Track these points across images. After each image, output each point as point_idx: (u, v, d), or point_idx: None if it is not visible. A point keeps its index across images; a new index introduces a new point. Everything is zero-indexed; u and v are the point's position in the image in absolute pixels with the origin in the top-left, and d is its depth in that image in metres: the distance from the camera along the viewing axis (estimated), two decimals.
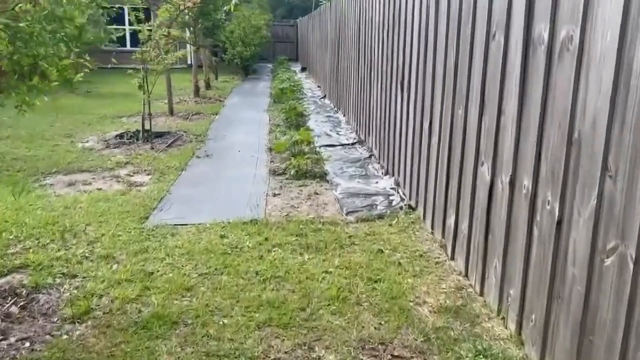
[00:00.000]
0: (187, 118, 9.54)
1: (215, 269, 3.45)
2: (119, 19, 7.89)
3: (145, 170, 5.93)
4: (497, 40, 2.83)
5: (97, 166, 6.10)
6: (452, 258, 3.53)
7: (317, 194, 5.07)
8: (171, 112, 9.84)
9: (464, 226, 3.33)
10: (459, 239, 3.43)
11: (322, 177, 5.60)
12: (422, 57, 4.28)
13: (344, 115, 9.40)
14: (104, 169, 6.00)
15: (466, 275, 3.29)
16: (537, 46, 2.43)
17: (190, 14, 11.47)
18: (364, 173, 5.84)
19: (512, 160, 2.64)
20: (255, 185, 5.34)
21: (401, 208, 4.55)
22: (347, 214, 4.47)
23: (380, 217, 4.40)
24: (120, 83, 12.78)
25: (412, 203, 4.54)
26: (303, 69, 20.71)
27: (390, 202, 4.75)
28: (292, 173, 5.59)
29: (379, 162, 6.07)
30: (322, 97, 12.62)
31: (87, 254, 3.70)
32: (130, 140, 7.38)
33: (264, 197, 4.94)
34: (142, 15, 7.25)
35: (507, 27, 2.72)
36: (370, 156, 6.51)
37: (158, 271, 3.44)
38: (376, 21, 6.19)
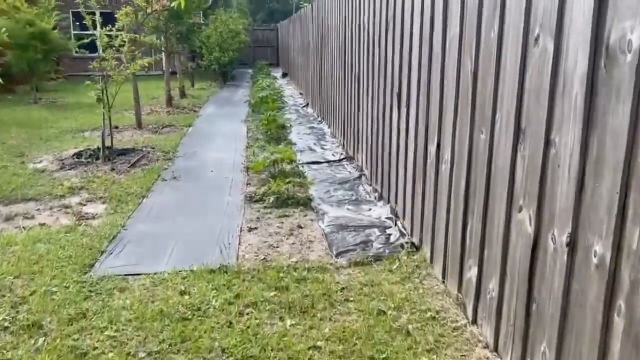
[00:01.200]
0: (157, 131, 8.69)
1: (170, 345, 2.65)
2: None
3: (100, 198, 5.09)
4: (541, 45, 2.09)
5: (45, 193, 5.25)
6: (474, 322, 2.77)
7: (300, 227, 4.28)
8: (139, 124, 8.98)
9: (491, 285, 2.57)
10: (483, 299, 2.68)
11: (306, 204, 4.81)
12: (425, 66, 3.53)
13: (328, 127, 8.63)
14: (52, 196, 5.15)
15: (496, 350, 2.53)
16: (614, 55, 1.68)
17: (160, 17, 10.63)
18: (354, 197, 5.07)
19: (573, 212, 1.89)
20: (227, 216, 4.53)
21: (402, 246, 3.78)
22: (337, 255, 3.69)
23: (378, 258, 3.63)
24: (88, 92, 11.85)
25: (416, 240, 3.79)
26: (284, 75, 19.92)
27: (388, 237, 3.99)
28: (271, 200, 4.80)
29: (370, 184, 5.31)
30: (304, 106, 11.84)
31: (7, 322, 2.89)
32: (89, 160, 6.51)
33: (238, 232, 4.14)
34: (99, 19, 6.41)
35: (559, 28, 1.97)
36: (360, 176, 5.74)
37: (95, 348, 2.64)
38: (364, 23, 5.44)
